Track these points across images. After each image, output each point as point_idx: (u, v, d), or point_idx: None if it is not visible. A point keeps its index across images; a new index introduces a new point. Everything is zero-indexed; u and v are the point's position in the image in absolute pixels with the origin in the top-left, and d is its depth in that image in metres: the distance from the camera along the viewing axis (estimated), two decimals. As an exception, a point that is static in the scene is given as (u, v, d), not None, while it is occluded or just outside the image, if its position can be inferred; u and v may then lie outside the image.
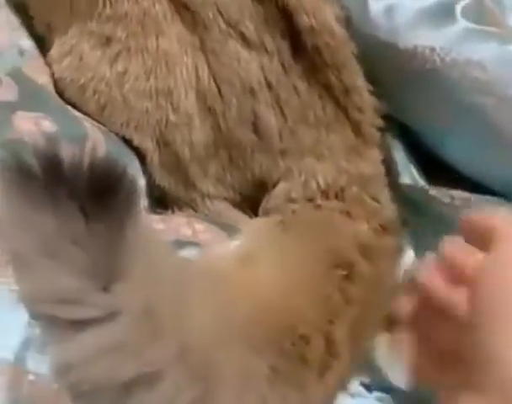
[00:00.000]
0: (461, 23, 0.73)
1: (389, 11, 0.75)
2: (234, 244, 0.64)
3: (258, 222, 0.70)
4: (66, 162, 0.39)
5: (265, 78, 0.69)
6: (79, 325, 0.39)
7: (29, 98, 0.62)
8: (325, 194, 0.69)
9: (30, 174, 0.39)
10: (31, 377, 0.47)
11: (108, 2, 0.68)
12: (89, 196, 0.38)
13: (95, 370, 0.39)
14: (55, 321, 0.38)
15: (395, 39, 0.74)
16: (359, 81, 0.72)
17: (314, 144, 0.70)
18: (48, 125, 0.59)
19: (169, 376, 0.42)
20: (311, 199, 0.69)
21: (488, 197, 0.73)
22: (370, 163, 0.72)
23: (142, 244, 0.40)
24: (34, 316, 0.40)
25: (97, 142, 0.63)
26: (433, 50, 0.73)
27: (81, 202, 0.38)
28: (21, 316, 0.47)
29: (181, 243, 0.63)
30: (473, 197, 0.73)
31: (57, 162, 0.39)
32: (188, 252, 0.62)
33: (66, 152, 0.39)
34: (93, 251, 0.38)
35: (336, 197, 0.69)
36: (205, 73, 0.69)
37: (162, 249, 0.45)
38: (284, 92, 0.69)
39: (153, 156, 0.71)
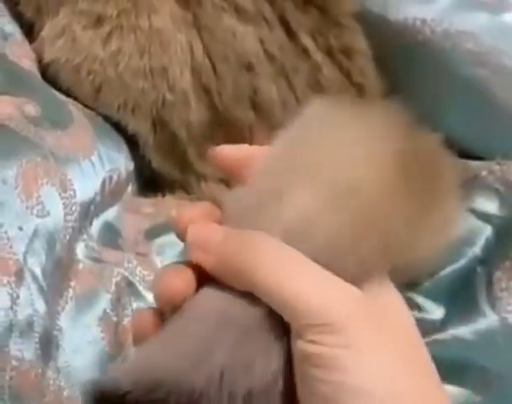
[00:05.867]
0: (452, -6, 0.70)
1: (378, -17, 0.71)
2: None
3: None
4: None
5: (265, 51, 0.64)
6: None
7: (13, 82, 0.57)
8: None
9: None
10: (14, 363, 0.44)
11: (98, -20, 0.62)
12: None
13: None
14: None
15: (385, 12, 0.69)
16: (361, 43, 0.68)
17: None
18: (31, 109, 0.55)
19: None
20: None
21: (487, 162, 0.69)
22: None
23: None
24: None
25: (82, 127, 0.60)
26: (424, 21, 0.70)
27: None
28: (2, 301, 0.44)
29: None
30: (473, 162, 0.69)
31: None
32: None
33: None
34: None
35: None
36: (199, 50, 0.65)
37: None
38: (290, 60, 0.65)
39: (149, 138, 0.66)
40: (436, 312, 0.61)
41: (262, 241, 0.34)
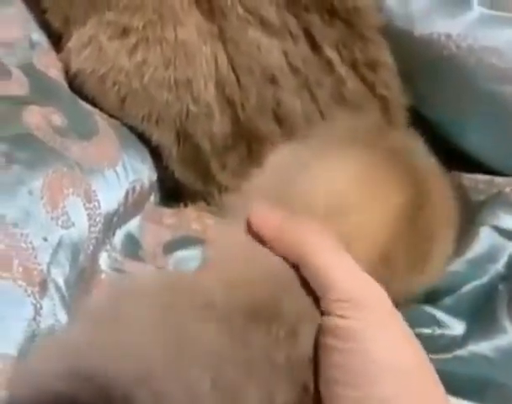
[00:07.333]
0: (477, 10, 0.69)
1: (404, -2, 0.71)
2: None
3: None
4: None
5: (289, 64, 0.64)
6: None
7: (40, 91, 0.57)
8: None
9: None
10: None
11: (125, -9, 0.62)
12: None
13: None
14: None
15: (410, 27, 0.68)
16: (386, 56, 0.67)
17: None
18: (58, 119, 0.55)
19: None
20: None
21: (511, 178, 0.68)
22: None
23: None
24: None
25: (108, 138, 0.60)
26: (449, 36, 0.68)
27: None
28: (26, 311, 0.44)
29: (190, 240, 0.60)
30: (496, 179, 0.69)
31: None
32: (194, 252, 0.58)
33: None
34: None
35: None
36: (224, 63, 0.65)
37: None
38: (314, 73, 0.65)
39: (172, 149, 0.66)
40: (457, 328, 0.61)
41: (313, 229, 0.41)
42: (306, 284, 0.40)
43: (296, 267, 0.41)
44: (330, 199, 0.46)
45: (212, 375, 0.34)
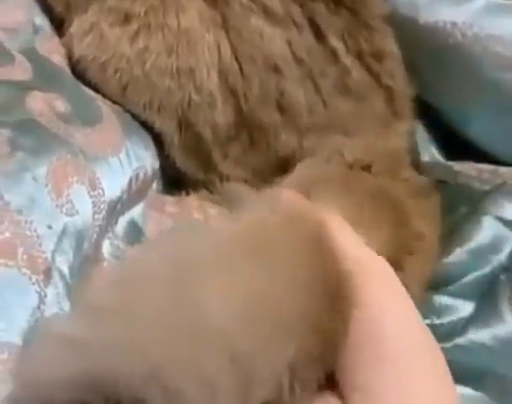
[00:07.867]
0: (483, -2, 0.69)
1: (409, -15, 0.70)
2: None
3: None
4: None
5: (293, 53, 0.64)
6: None
7: (44, 77, 0.57)
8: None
9: None
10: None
11: (127, -23, 0.62)
12: None
13: None
14: None
15: (415, 14, 0.68)
16: (391, 45, 0.67)
17: (349, 116, 0.65)
18: (61, 106, 0.55)
19: None
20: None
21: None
22: (398, 137, 0.68)
23: None
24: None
25: (111, 124, 0.60)
26: (454, 24, 0.69)
27: None
28: (31, 299, 0.44)
29: (191, 228, 0.60)
30: (500, 169, 0.70)
31: None
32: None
33: None
34: None
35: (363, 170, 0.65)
36: (227, 51, 0.64)
37: None
38: (318, 63, 0.64)
39: (174, 137, 0.66)
40: (463, 311, 0.61)
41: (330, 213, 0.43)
42: None
43: None
44: None
45: (227, 357, 0.33)
